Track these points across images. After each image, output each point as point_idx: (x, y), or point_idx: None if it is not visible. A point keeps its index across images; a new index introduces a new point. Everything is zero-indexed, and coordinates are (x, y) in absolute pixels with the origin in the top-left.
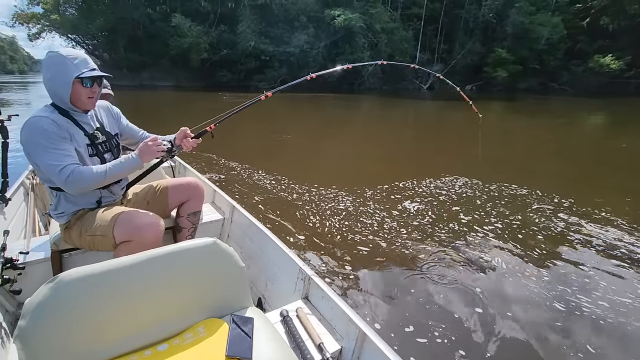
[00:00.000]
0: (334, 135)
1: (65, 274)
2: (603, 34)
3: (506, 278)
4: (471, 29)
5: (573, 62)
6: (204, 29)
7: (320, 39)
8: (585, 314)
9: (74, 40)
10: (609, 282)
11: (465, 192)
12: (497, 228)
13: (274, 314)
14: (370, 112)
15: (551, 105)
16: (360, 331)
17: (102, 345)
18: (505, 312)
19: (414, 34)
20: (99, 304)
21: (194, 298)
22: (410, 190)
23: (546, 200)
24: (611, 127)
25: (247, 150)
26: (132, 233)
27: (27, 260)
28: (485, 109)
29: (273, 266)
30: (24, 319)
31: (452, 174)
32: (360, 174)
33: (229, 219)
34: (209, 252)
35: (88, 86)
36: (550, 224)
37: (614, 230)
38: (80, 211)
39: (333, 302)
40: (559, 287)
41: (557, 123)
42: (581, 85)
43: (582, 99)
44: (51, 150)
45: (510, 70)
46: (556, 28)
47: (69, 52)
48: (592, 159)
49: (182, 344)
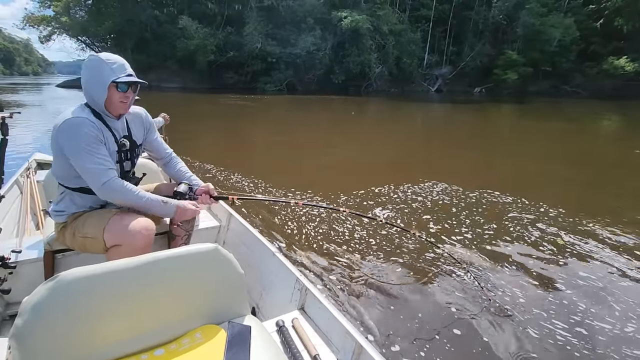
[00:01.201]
0: (339, 137)
1: (65, 274)
2: (617, 35)
3: (519, 292)
4: (481, 31)
5: (586, 64)
6: (210, 31)
7: (327, 41)
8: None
9: (84, 43)
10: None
11: (475, 200)
12: (514, 240)
13: (270, 324)
14: (378, 116)
15: (563, 109)
16: (357, 344)
17: (99, 347)
18: (509, 327)
19: (423, 36)
20: (97, 305)
21: (192, 303)
22: (414, 193)
23: (551, 213)
24: (624, 131)
25: (249, 154)
26: (122, 237)
27: (19, 259)
28: (493, 113)
29: (269, 275)
30: (21, 317)
31: (457, 182)
32: (361, 182)
33: (225, 226)
34: (210, 258)
35: (123, 91)
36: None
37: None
38: (79, 212)
39: (330, 313)
40: (579, 305)
41: (568, 128)
42: (595, 88)
43: (596, 102)
44: (93, 154)
45: (521, 72)
46: (569, 30)
47: (109, 56)
48: (602, 166)
49: (178, 350)
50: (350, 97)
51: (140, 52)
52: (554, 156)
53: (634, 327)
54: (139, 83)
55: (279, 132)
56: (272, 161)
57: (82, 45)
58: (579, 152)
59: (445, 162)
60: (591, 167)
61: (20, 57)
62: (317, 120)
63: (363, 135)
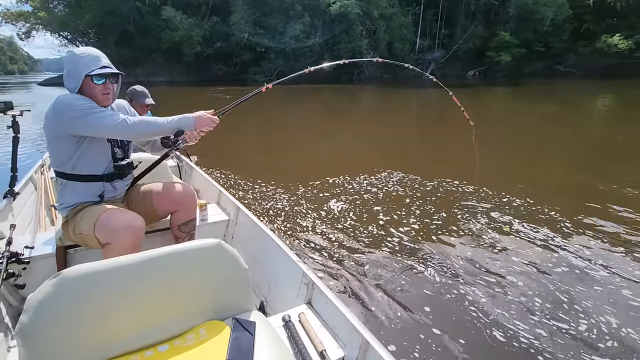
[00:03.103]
0: (333, 129)
1: (67, 271)
2: (610, 12)
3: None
4: (473, 12)
5: (580, 43)
6: (195, 21)
7: (316, 28)
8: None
9: (66, 38)
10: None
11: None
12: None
13: (276, 319)
14: (370, 105)
15: (557, 91)
16: (363, 339)
17: (103, 343)
18: (513, 314)
19: (414, 20)
20: (100, 302)
21: (196, 299)
22: (419, 188)
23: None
24: (615, 114)
25: (240, 147)
26: (109, 235)
27: (32, 255)
28: (487, 97)
29: (276, 269)
30: (25, 314)
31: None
32: (354, 169)
33: (233, 220)
34: (213, 254)
35: (99, 83)
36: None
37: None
38: (78, 205)
39: (336, 308)
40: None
41: (562, 111)
42: (589, 67)
43: (589, 82)
44: (101, 110)
45: (514, 54)
46: (561, 8)
47: (83, 50)
48: (594, 151)
49: (183, 345)
50: (343, 85)
51: (125, 46)
52: (548, 142)
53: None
54: (116, 74)
55: (269, 125)
56: (257, 157)
57: (65, 42)
58: (570, 138)
59: (443, 154)
60: (576, 153)
61: (5, 56)
62: (309, 114)
63: (355, 125)
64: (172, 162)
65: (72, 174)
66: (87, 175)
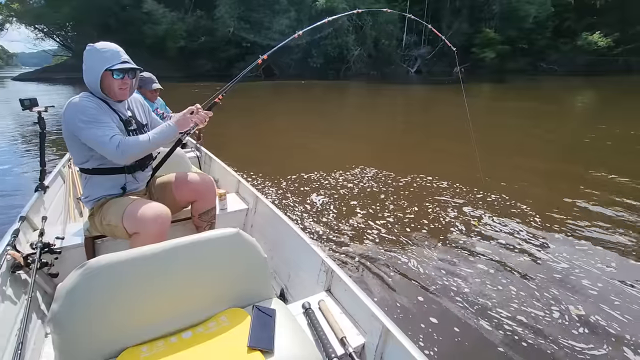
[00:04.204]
0: (324, 126)
1: (93, 261)
2: (590, 10)
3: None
4: (458, 9)
5: (561, 41)
6: (179, 15)
7: (302, 23)
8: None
9: (42, 31)
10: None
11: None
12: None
13: (296, 306)
14: (360, 103)
15: (541, 88)
16: (384, 327)
17: (130, 329)
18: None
19: (400, 16)
20: (126, 290)
21: (217, 287)
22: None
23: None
24: (596, 111)
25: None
26: (137, 225)
27: (63, 245)
28: (472, 91)
29: (296, 257)
30: (56, 302)
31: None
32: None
33: (252, 209)
34: (232, 243)
35: (118, 78)
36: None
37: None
38: (102, 198)
39: (356, 296)
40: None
41: (546, 109)
42: (570, 64)
43: (571, 78)
44: (97, 124)
45: (499, 50)
46: (543, 5)
47: (103, 45)
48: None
49: (205, 333)
50: (329, 81)
51: (105, 40)
52: (531, 138)
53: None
54: (135, 69)
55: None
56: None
57: (41, 35)
58: (549, 134)
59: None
60: (553, 149)
61: None
62: (296, 110)
63: (341, 123)
64: (191, 153)
65: (94, 169)
66: (108, 169)
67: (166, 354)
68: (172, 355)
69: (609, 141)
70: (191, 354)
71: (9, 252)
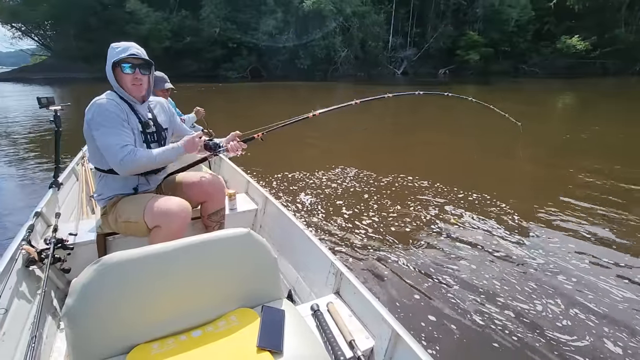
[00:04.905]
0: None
1: (107, 257)
2: (569, 15)
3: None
4: (442, 12)
5: (542, 44)
6: (163, 15)
7: (289, 24)
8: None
9: (19, 30)
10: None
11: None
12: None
13: (305, 307)
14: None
15: (523, 90)
16: (393, 331)
17: (141, 326)
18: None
19: (386, 18)
20: (138, 287)
21: (227, 287)
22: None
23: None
24: (572, 113)
25: None
26: (160, 219)
27: (75, 241)
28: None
29: (304, 259)
30: (70, 297)
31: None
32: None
33: (262, 210)
34: (243, 242)
35: (129, 72)
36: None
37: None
38: (115, 197)
39: (365, 299)
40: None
41: (529, 110)
42: (550, 67)
43: (551, 81)
44: (113, 130)
45: (482, 53)
46: (525, 9)
47: (118, 43)
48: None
49: (215, 332)
50: (317, 82)
51: (86, 40)
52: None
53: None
54: (146, 64)
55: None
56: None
57: (18, 33)
58: (535, 135)
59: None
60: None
61: None
62: (284, 112)
63: (330, 126)
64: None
65: (110, 169)
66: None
67: (176, 352)
68: (182, 353)
69: (590, 140)
70: (201, 353)
71: (23, 247)
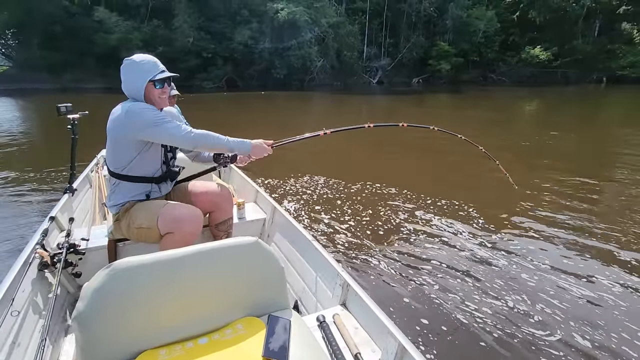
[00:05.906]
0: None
1: (118, 263)
2: (531, 26)
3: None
4: (414, 23)
5: (507, 54)
6: (134, 24)
7: (265, 34)
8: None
9: None
10: None
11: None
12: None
13: (311, 318)
14: (325, 109)
15: (492, 98)
16: (400, 345)
17: (150, 332)
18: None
19: (360, 28)
20: (147, 293)
21: (234, 295)
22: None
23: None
24: (538, 118)
25: None
26: (173, 225)
27: (87, 246)
28: (428, 101)
29: (311, 269)
30: (81, 301)
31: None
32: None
33: (270, 219)
34: (251, 251)
35: (159, 87)
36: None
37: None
38: (127, 204)
39: (371, 311)
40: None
41: (496, 118)
42: (517, 75)
43: (517, 89)
44: (167, 122)
45: (453, 62)
46: (491, 21)
47: (141, 57)
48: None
49: (221, 340)
50: (294, 92)
51: (50, 49)
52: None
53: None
54: (171, 77)
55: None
56: None
57: None
58: (505, 141)
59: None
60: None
61: None
62: (259, 121)
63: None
64: None
65: (127, 175)
66: (139, 177)
67: (183, 359)
68: None
69: (553, 143)
70: None
71: (37, 250)
